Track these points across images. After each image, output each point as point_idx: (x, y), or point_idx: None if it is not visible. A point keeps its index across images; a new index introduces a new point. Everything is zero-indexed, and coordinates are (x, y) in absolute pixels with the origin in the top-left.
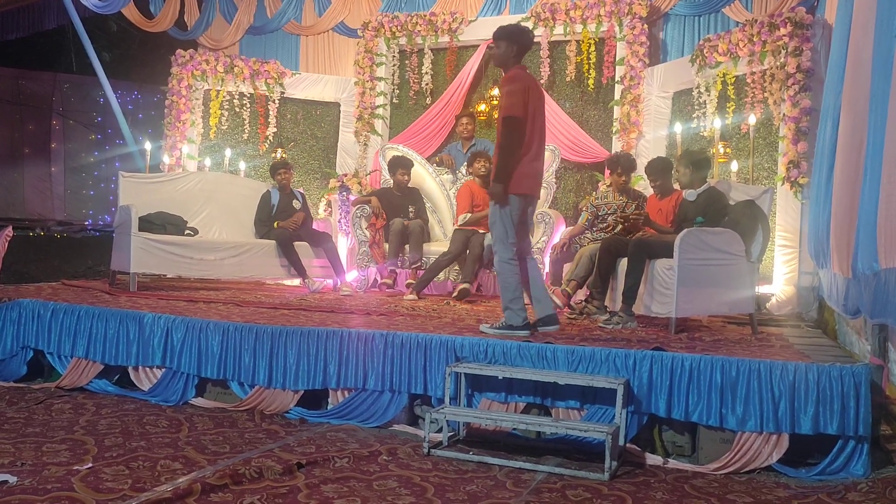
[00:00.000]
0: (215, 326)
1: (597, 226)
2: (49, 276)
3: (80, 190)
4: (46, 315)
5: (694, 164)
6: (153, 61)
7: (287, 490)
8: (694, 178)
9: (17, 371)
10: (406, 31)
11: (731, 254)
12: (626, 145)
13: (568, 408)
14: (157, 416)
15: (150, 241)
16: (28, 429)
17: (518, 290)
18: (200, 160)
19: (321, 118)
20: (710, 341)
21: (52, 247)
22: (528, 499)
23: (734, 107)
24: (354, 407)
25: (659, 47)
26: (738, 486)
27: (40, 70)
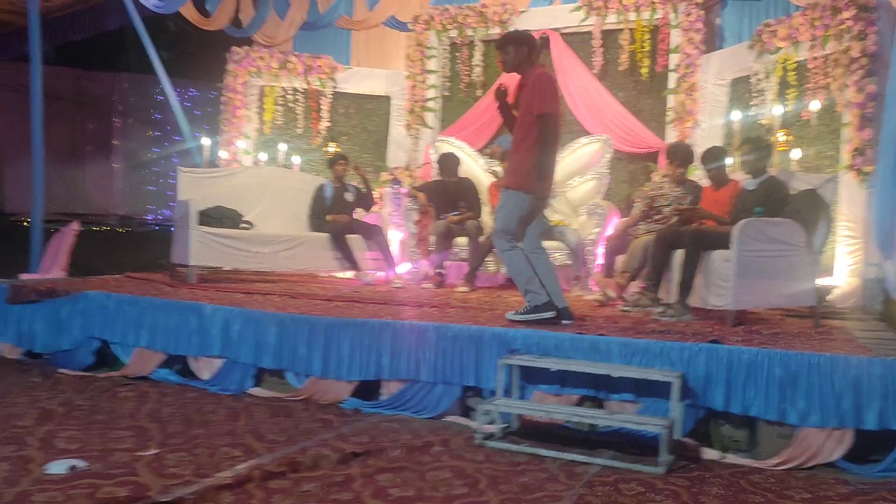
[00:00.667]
0: (272, 318)
1: (651, 217)
2: (112, 268)
3: (139, 186)
4: (111, 306)
5: (759, 150)
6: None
7: (343, 479)
8: (757, 165)
9: (84, 360)
10: (457, 24)
11: (792, 245)
12: (680, 134)
13: (622, 400)
14: (216, 405)
15: (208, 235)
16: (95, 416)
17: (529, 270)
18: (255, 155)
19: (373, 112)
20: (769, 334)
21: (114, 241)
22: (581, 492)
23: (795, 93)
24: (407, 398)
25: (715, 33)
26: (797, 482)
27: (101, 70)
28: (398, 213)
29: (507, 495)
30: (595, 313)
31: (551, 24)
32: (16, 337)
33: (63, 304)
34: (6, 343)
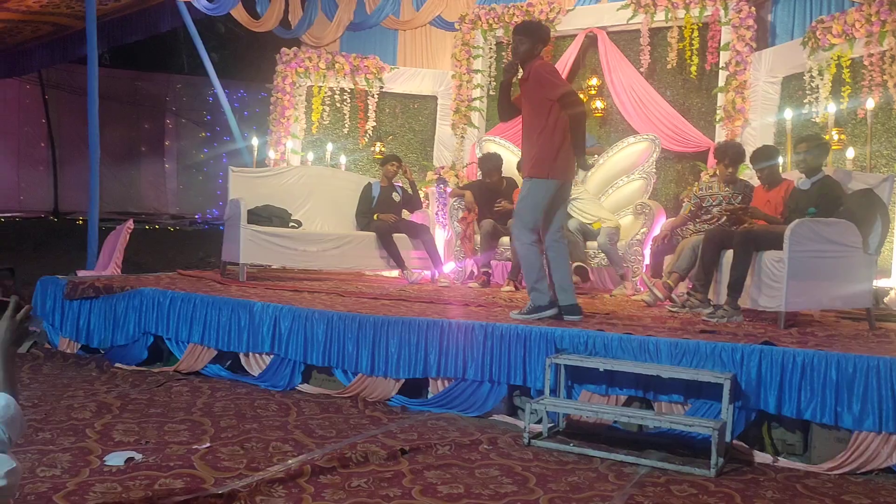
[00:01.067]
0: (320, 315)
1: (700, 217)
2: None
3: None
4: (165, 303)
5: (816, 148)
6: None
7: (392, 475)
8: (812, 164)
9: (139, 355)
10: (503, 23)
11: (847, 245)
12: (730, 133)
13: (671, 402)
14: (266, 401)
15: (258, 233)
16: (150, 409)
17: (542, 271)
18: (303, 155)
19: (419, 111)
20: (824, 336)
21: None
22: (631, 492)
23: (850, 91)
24: (454, 396)
25: (767, 30)
26: (854, 487)
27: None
28: (444, 212)
29: (556, 494)
30: (643, 313)
31: (598, 23)
32: (73, 332)
33: (119, 301)
34: (64, 337)
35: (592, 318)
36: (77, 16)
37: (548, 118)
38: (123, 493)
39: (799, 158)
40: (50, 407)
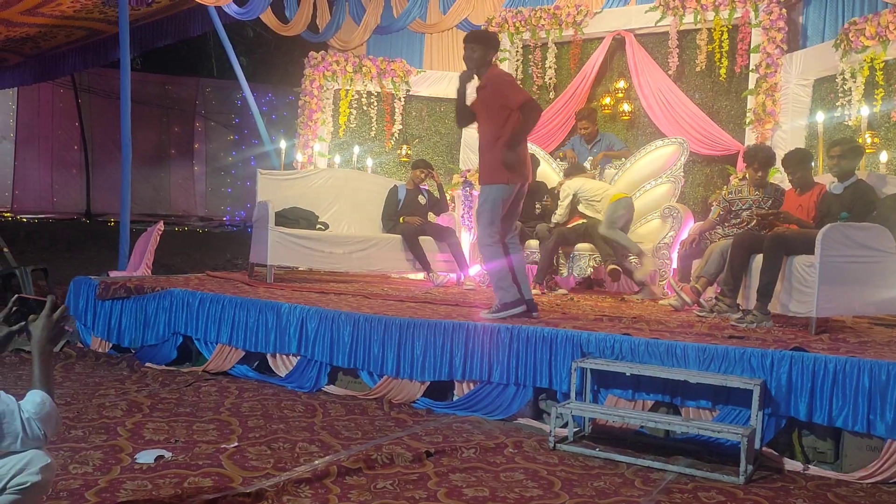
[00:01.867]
0: (346, 317)
1: (729, 221)
2: (192, 267)
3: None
4: (195, 304)
5: (849, 152)
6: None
7: (417, 477)
8: (846, 168)
9: (169, 355)
10: (530, 26)
11: (881, 250)
12: (760, 136)
13: (699, 407)
14: (293, 402)
15: (285, 235)
16: (180, 409)
17: (505, 268)
18: (331, 157)
19: (445, 114)
20: (856, 343)
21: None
22: (658, 498)
23: (883, 94)
24: (479, 399)
25: (798, 32)
26: (886, 496)
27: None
28: (470, 215)
29: (581, 499)
30: (670, 318)
31: (626, 25)
32: (105, 331)
33: (149, 301)
34: (96, 337)
35: (619, 322)
36: (110, 21)
37: (504, 125)
38: (153, 491)
39: (832, 163)
40: (82, 405)
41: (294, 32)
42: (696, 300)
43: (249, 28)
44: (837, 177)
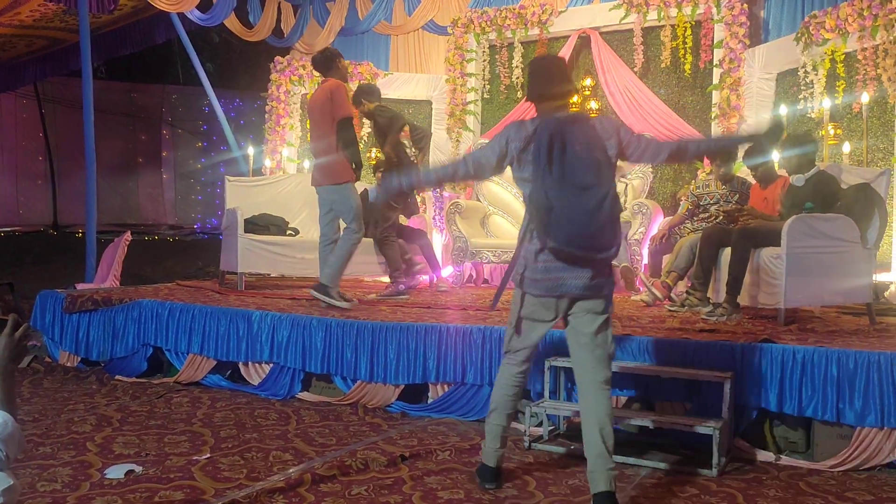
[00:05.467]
0: (318, 323)
1: (697, 215)
2: (163, 277)
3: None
4: (164, 314)
5: (798, 147)
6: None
7: (392, 481)
8: (801, 162)
9: (139, 367)
10: (496, 26)
11: (845, 240)
12: (725, 131)
13: (672, 402)
14: (267, 410)
15: (255, 242)
16: (150, 421)
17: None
18: (300, 163)
19: (413, 116)
20: (824, 332)
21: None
22: (632, 493)
23: (844, 86)
24: (454, 401)
25: (760, 27)
26: (857, 483)
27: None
28: (441, 216)
29: (556, 497)
30: (641, 313)
31: (591, 23)
32: (73, 345)
33: (118, 313)
34: (64, 351)
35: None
36: (71, 29)
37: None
38: None
39: (786, 158)
40: (50, 421)
41: (259, 37)
42: (667, 295)
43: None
44: (793, 172)
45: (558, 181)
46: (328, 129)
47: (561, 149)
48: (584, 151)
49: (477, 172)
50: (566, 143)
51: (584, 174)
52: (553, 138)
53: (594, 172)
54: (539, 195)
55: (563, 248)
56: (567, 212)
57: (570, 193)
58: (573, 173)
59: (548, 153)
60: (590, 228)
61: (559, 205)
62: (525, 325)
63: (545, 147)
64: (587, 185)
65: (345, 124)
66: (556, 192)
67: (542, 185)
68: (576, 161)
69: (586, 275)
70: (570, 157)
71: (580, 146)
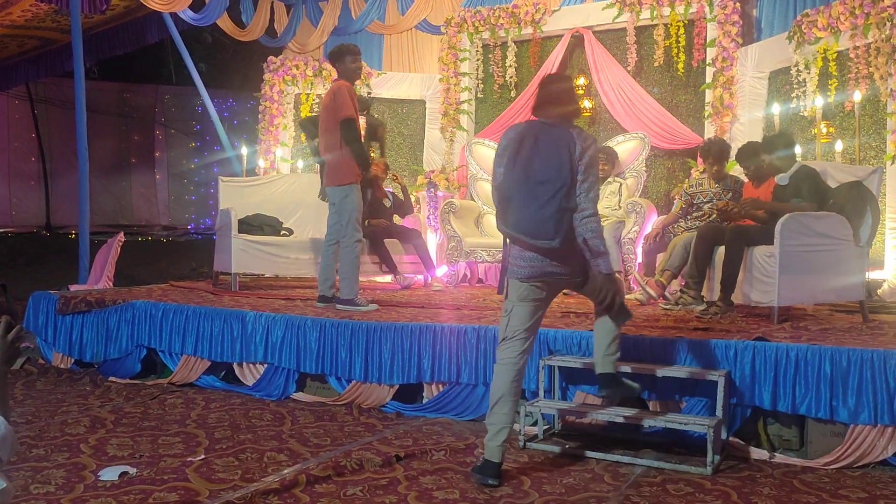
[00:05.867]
0: (312, 323)
1: (691, 214)
2: (157, 278)
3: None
4: (158, 315)
5: (772, 148)
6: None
7: (387, 482)
8: (781, 163)
9: (133, 368)
10: (489, 25)
11: (838, 238)
12: (719, 129)
13: (666, 400)
14: (261, 410)
15: (249, 243)
16: (144, 423)
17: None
18: (293, 162)
19: (407, 116)
20: (817, 330)
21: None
22: (627, 492)
23: (837, 84)
24: (449, 401)
25: (752, 25)
26: (851, 481)
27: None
28: (435, 216)
29: (551, 496)
30: (636, 312)
31: (584, 23)
32: (66, 346)
33: (111, 314)
34: (58, 353)
35: (586, 319)
36: (63, 29)
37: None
38: None
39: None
40: (44, 423)
41: (252, 37)
42: (661, 294)
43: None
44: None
45: (522, 175)
46: (334, 129)
47: (532, 146)
48: (551, 149)
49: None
50: (538, 141)
51: (545, 170)
52: (526, 137)
53: (556, 169)
54: (503, 186)
55: (512, 233)
56: (520, 202)
57: (528, 187)
58: (536, 169)
59: (517, 149)
60: (535, 218)
61: (517, 196)
62: (518, 308)
63: (516, 143)
64: (545, 179)
65: (346, 124)
66: (517, 185)
67: (508, 177)
68: (541, 158)
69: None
70: (537, 153)
71: (549, 145)
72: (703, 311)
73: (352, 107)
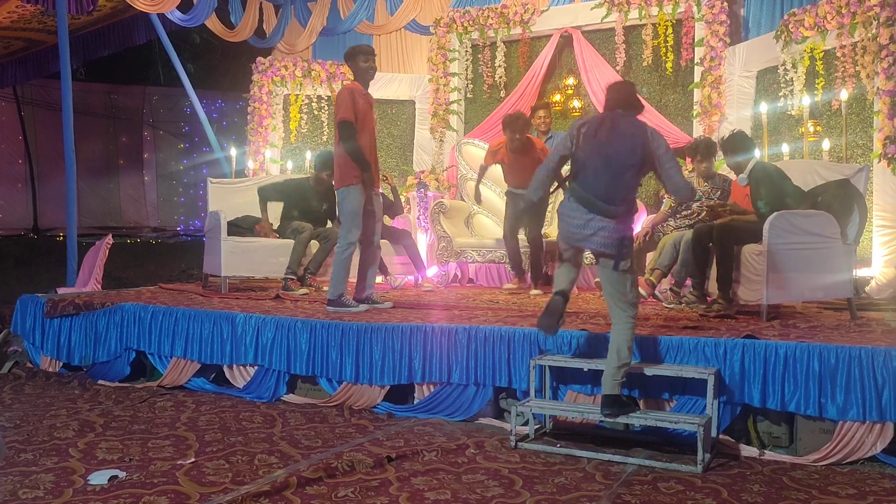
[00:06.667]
0: (303, 324)
1: (680, 213)
2: (146, 280)
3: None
4: (147, 318)
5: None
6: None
7: (379, 483)
8: (737, 165)
9: (122, 371)
10: (478, 25)
11: (825, 236)
12: (707, 128)
13: (656, 399)
14: (252, 413)
15: (239, 245)
16: (134, 426)
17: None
18: (283, 163)
19: (397, 116)
20: (806, 328)
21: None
22: (618, 491)
23: (823, 83)
24: (440, 401)
25: (740, 25)
26: (840, 477)
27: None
28: (425, 216)
29: (543, 496)
30: None
31: (573, 23)
32: (54, 350)
33: (100, 317)
34: (46, 356)
35: (577, 318)
36: (49, 31)
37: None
38: None
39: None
40: (32, 427)
41: (241, 38)
42: (650, 293)
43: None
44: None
45: (598, 151)
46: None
47: (609, 130)
48: (625, 136)
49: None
50: (616, 128)
51: (619, 152)
52: (604, 123)
53: (628, 152)
54: (579, 157)
55: (585, 194)
56: (594, 172)
57: (604, 162)
58: (613, 149)
59: (595, 131)
60: (607, 186)
61: (592, 167)
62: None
63: (595, 125)
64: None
65: (341, 126)
66: (592, 159)
67: (585, 150)
68: (618, 141)
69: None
70: (616, 137)
71: (622, 132)
72: (707, 310)
73: (349, 109)
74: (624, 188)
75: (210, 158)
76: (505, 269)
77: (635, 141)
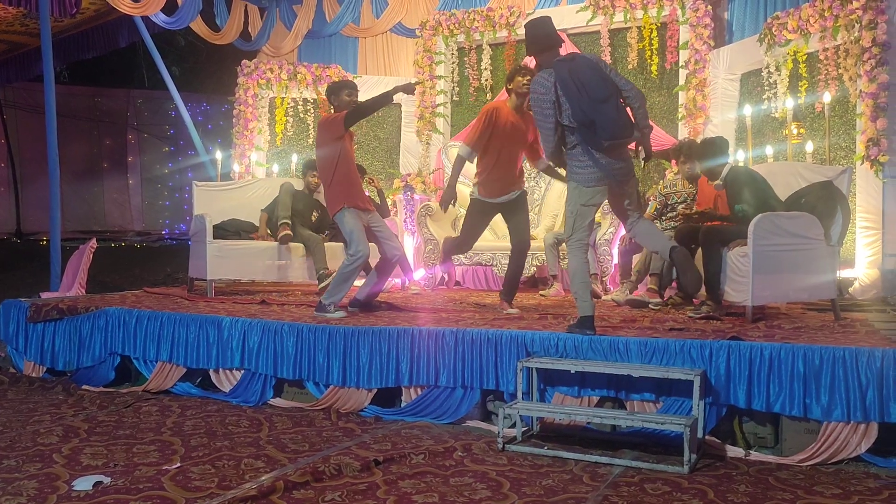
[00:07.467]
0: (290, 328)
1: (666, 215)
2: (131, 284)
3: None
4: (131, 322)
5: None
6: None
7: (366, 486)
8: (711, 169)
9: (106, 376)
10: (464, 28)
11: (809, 238)
12: (692, 131)
13: (643, 400)
14: (238, 417)
15: (225, 248)
16: (119, 431)
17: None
18: (268, 167)
19: (383, 119)
20: (791, 329)
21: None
22: (605, 493)
23: (807, 85)
24: (427, 404)
25: (724, 28)
26: (825, 477)
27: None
28: (412, 219)
29: (530, 498)
30: (612, 313)
31: (558, 25)
32: (38, 355)
33: (84, 322)
34: (29, 361)
35: (563, 320)
36: (32, 33)
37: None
38: None
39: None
40: (15, 433)
41: (226, 41)
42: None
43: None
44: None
45: (589, 101)
46: (321, 163)
47: (578, 80)
48: (591, 74)
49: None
50: (577, 74)
51: (600, 90)
52: (565, 77)
53: (604, 87)
54: (577, 117)
55: (613, 141)
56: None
57: (598, 106)
58: (595, 92)
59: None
60: (619, 124)
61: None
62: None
63: (561, 85)
64: (605, 96)
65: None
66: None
67: (577, 108)
68: (592, 84)
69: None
70: (588, 81)
71: (586, 73)
72: (695, 310)
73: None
74: (626, 117)
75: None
76: (493, 272)
77: (600, 73)
